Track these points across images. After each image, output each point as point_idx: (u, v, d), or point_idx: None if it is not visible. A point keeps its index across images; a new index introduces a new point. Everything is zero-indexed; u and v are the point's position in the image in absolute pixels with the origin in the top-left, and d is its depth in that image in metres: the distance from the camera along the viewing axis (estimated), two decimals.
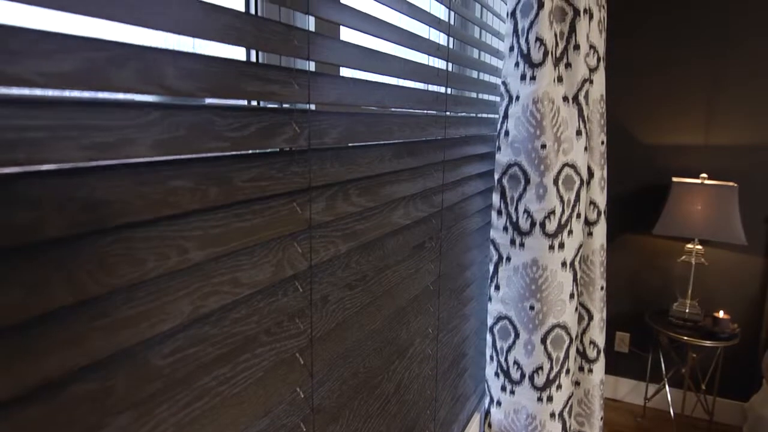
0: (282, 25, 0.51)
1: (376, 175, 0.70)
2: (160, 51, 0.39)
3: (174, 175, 0.40)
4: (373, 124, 0.69)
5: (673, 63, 2.38)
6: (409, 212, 0.81)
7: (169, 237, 0.40)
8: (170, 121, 0.40)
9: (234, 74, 0.45)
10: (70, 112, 0.32)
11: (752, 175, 2.31)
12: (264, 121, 0.49)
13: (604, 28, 1.29)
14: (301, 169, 0.55)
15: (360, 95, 0.64)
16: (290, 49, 0.51)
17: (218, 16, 0.43)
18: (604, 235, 1.32)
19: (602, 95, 1.25)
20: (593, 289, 1.30)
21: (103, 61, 0.34)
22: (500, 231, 1.16)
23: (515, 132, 1.09)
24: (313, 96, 0.55)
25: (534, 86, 1.05)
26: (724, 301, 2.42)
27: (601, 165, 1.26)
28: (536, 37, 1.03)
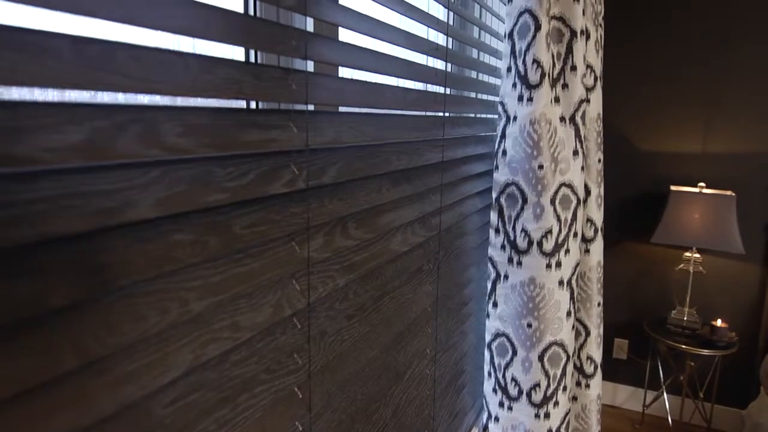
0: (280, 69, 0.52)
1: (374, 206, 0.71)
2: (159, 109, 0.40)
3: (175, 229, 0.41)
4: (371, 156, 0.70)
5: (671, 71, 2.38)
6: (407, 238, 0.82)
7: (170, 290, 0.41)
8: (171, 177, 0.41)
9: (233, 125, 0.46)
10: (72, 181, 0.33)
11: (750, 184, 2.32)
12: (264, 166, 0.50)
13: (601, 46, 1.30)
14: (300, 208, 0.56)
15: (358, 129, 0.65)
16: (289, 94, 0.52)
17: (217, 83, 0.44)
18: (601, 252, 1.33)
19: (599, 114, 1.26)
20: (590, 305, 1.31)
21: (109, 127, 0.35)
22: (498, 249, 1.17)
23: (513, 152, 1.10)
24: (312, 136, 0.56)
25: (531, 107, 1.06)
26: (722, 309, 2.43)
27: (598, 183, 1.27)
28: (533, 59, 1.04)
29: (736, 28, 2.25)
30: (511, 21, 1.07)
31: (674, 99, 2.40)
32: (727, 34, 2.27)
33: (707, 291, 2.44)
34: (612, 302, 2.63)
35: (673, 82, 2.39)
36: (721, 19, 2.27)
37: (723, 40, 2.28)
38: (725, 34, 2.27)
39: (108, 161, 0.35)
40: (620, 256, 2.58)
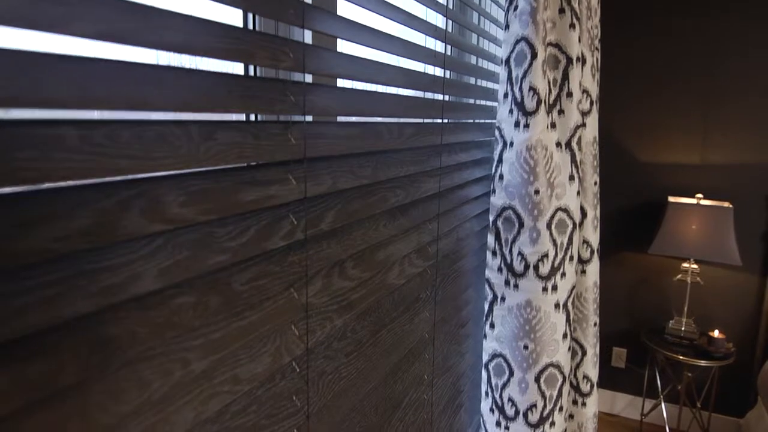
0: (279, 123, 0.53)
1: (372, 245, 0.73)
2: (161, 180, 0.41)
3: (176, 293, 0.43)
4: (368, 195, 0.71)
5: (669, 82, 2.40)
6: (404, 270, 0.84)
7: (172, 352, 0.43)
8: (173, 244, 0.42)
9: (234, 186, 0.47)
10: (78, 262, 0.35)
11: (748, 194, 2.33)
12: (263, 220, 0.52)
13: (598, 69, 1.31)
14: (299, 257, 0.57)
15: (355, 172, 0.67)
16: (288, 148, 0.54)
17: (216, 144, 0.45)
18: (597, 273, 1.34)
19: (595, 137, 1.27)
20: (587, 325, 1.32)
21: (114, 206, 0.37)
22: (495, 271, 1.18)
23: (509, 177, 1.11)
24: (310, 186, 0.58)
25: (528, 134, 1.07)
26: (719, 319, 2.44)
27: (594, 205, 1.29)
28: (530, 86, 1.06)
29: (733, 40, 2.26)
30: (507, 48, 1.09)
31: (673, 110, 2.41)
32: (725, 46, 2.28)
33: (705, 301, 2.45)
34: (611, 311, 2.64)
35: (672, 93, 2.40)
36: (719, 31, 2.28)
37: (721, 52, 2.29)
38: (723, 46, 2.28)
39: (113, 241, 0.36)
40: (619, 265, 2.59)
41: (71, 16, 0.32)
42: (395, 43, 0.75)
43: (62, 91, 0.32)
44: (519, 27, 1.06)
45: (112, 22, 0.35)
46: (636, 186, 2.52)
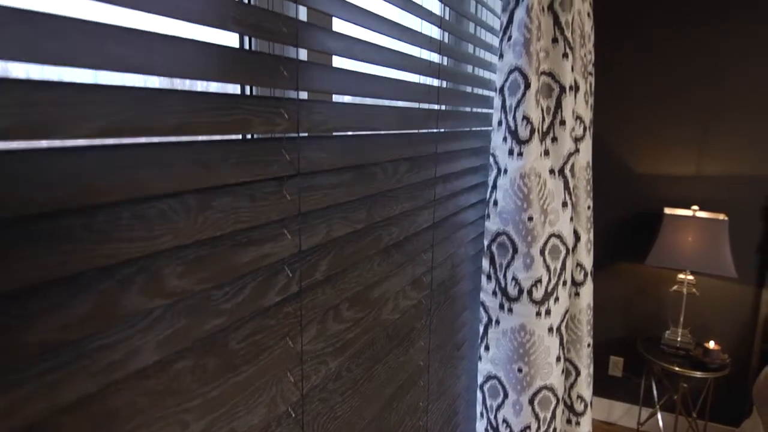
0: (273, 181, 0.55)
1: (366, 285, 0.74)
2: (160, 252, 0.43)
3: (175, 359, 0.45)
4: (362, 237, 0.73)
5: (666, 93, 2.41)
6: (398, 304, 0.86)
7: (171, 415, 0.44)
8: (171, 313, 0.44)
9: (230, 248, 0.49)
10: (77, 346, 0.37)
11: (744, 205, 2.35)
12: (259, 277, 0.54)
13: (591, 93, 1.33)
14: (294, 307, 0.59)
15: (350, 218, 0.68)
16: (282, 206, 0.55)
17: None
18: (591, 295, 1.36)
19: (588, 162, 1.29)
20: (580, 346, 1.34)
21: (114, 286, 0.38)
22: (490, 295, 1.20)
23: (504, 203, 1.13)
24: (305, 239, 0.59)
25: (521, 162, 1.09)
26: (715, 329, 2.46)
27: (588, 229, 1.31)
28: (523, 115, 1.07)
29: (731, 52, 2.28)
30: (501, 77, 1.10)
31: (669, 121, 2.43)
32: (722, 58, 2.29)
33: (701, 311, 2.47)
34: (608, 320, 2.66)
35: (669, 104, 2.42)
36: (717, 43, 2.29)
37: (719, 63, 2.30)
38: (721, 58, 2.30)
39: (113, 322, 0.38)
40: (616, 275, 2.61)
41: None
42: (390, 84, 0.77)
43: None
44: (513, 57, 1.07)
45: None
46: (633, 196, 2.54)
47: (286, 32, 0.54)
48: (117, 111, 0.37)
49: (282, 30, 0.53)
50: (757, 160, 2.31)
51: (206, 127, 0.44)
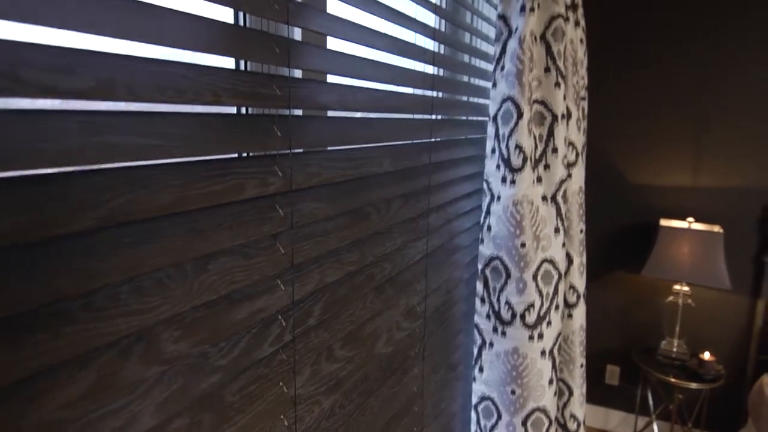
0: (268, 236, 0.57)
1: (359, 324, 0.76)
2: (156, 323, 0.45)
3: (172, 418, 0.47)
4: (355, 278, 0.75)
5: (662, 104, 2.43)
6: (392, 336, 0.88)
7: None
8: (169, 375, 0.46)
9: (225, 307, 0.51)
10: (79, 420, 0.39)
11: (739, 216, 2.37)
12: (254, 329, 0.56)
13: (585, 117, 1.35)
14: (287, 354, 0.61)
15: (342, 262, 0.70)
16: (276, 260, 0.57)
17: None
18: (584, 316, 1.38)
19: (581, 187, 1.31)
20: (573, 366, 1.37)
21: (114, 357, 0.40)
22: (484, 317, 1.22)
23: (497, 228, 1.15)
24: (297, 289, 0.61)
25: (514, 189, 1.11)
26: (711, 339, 2.48)
27: (581, 252, 1.33)
28: (516, 144, 1.09)
29: (726, 64, 2.29)
30: (495, 106, 1.12)
31: (665, 132, 2.45)
32: (717, 70, 2.31)
33: (696, 322, 2.49)
34: (605, 329, 2.68)
35: (664, 115, 2.43)
36: (712, 56, 2.31)
37: (713, 75, 2.32)
38: (716, 70, 2.31)
39: (113, 394, 0.40)
40: (613, 284, 2.63)
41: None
42: (385, 124, 0.79)
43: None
44: (506, 87, 1.09)
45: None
46: (629, 207, 2.56)
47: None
48: (117, 195, 0.39)
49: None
50: (752, 171, 2.33)
51: (201, 197, 0.46)
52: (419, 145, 0.93)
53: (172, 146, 0.43)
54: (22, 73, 0.32)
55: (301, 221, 0.60)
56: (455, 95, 1.08)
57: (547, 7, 1.10)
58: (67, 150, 0.35)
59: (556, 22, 1.11)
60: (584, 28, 1.31)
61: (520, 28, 1.05)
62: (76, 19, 0.34)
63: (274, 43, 0.54)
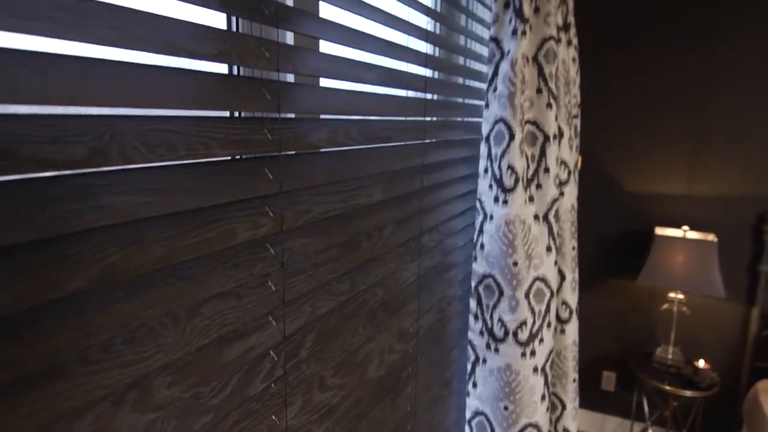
0: (260, 277, 0.58)
1: (350, 351, 0.78)
2: (150, 371, 0.46)
3: None
4: (346, 307, 0.76)
5: (658, 112, 2.45)
6: (384, 360, 0.89)
7: None
8: (162, 419, 0.47)
9: (216, 350, 0.53)
10: None
11: (733, 224, 2.39)
12: (245, 366, 0.57)
13: (577, 134, 1.36)
14: (279, 387, 0.63)
15: (333, 292, 0.72)
16: (267, 298, 0.59)
17: None
18: (576, 332, 1.40)
19: (573, 204, 1.32)
20: (566, 381, 1.38)
21: (109, 410, 0.42)
22: (477, 334, 1.24)
23: (490, 247, 1.17)
24: (288, 323, 0.63)
25: (506, 209, 1.12)
26: (705, 346, 2.50)
27: (573, 268, 1.34)
28: (508, 164, 1.11)
29: (721, 73, 2.31)
30: (487, 126, 1.14)
31: (661, 141, 2.46)
32: (713, 78, 2.33)
33: (691, 329, 2.51)
34: (601, 335, 2.70)
35: (660, 124, 2.45)
36: (708, 65, 2.33)
37: (709, 84, 2.34)
38: (712, 79, 2.33)
39: None
40: (609, 291, 2.65)
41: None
42: (377, 153, 0.80)
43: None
44: (498, 108, 1.11)
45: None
46: (624, 214, 2.58)
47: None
48: (110, 253, 0.40)
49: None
50: (746, 180, 2.35)
51: (194, 247, 0.48)
52: (411, 169, 0.94)
53: (165, 200, 0.44)
54: (16, 150, 0.33)
55: (292, 258, 0.62)
56: (448, 117, 1.09)
57: (539, 30, 1.11)
58: (62, 216, 0.36)
59: (548, 44, 1.12)
60: (576, 46, 1.33)
61: (512, 51, 1.07)
62: (63, 91, 0.36)
63: (266, 90, 0.55)
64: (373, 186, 0.81)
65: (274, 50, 0.55)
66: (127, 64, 0.40)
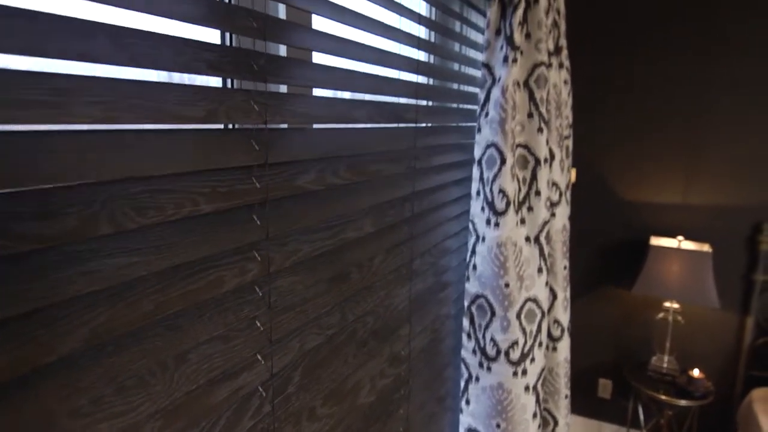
0: (247, 319, 0.60)
1: (340, 382, 0.80)
2: (140, 420, 0.48)
3: None
4: (335, 338, 0.78)
5: (654, 123, 2.46)
6: (375, 385, 0.91)
7: None
8: None
9: (204, 392, 0.54)
10: None
11: (729, 234, 2.40)
12: (234, 404, 0.59)
13: (569, 154, 1.38)
14: (267, 423, 0.64)
15: (322, 325, 0.73)
16: (255, 339, 0.61)
17: None
18: (568, 349, 1.42)
19: (564, 225, 1.34)
20: (558, 397, 1.40)
21: None
22: (470, 352, 1.25)
23: (482, 268, 1.18)
24: (277, 361, 0.65)
25: (498, 232, 1.14)
26: (700, 355, 2.51)
27: (564, 287, 1.36)
28: (499, 188, 1.12)
29: (718, 83, 2.32)
30: (479, 150, 1.15)
31: (656, 151, 2.48)
32: (710, 89, 2.34)
33: (686, 338, 2.52)
34: (597, 342, 2.72)
35: (656, 134, 2.46)
36: (705, 76, 2.34)
37: (706, 94, 2.35)
38: (708, 89, 2.34)
39: None
40: (605, 299, 2.67)
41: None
42: (366, 186, 0.82)
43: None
44: (489, 133, 1.12)
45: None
46: (621, 223, 2.60)
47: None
48: (99, 314, 0.42)
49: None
50: (741, 190, 2.36)
51: (182, 298, 0.50)
52: (402, 198, 0.96)
53: (153, 259, 0.46)
54: (8, 229, 0.35)
55: (279, 298, 0.63)
56: (439, 142, 1.10)
57: (530, 56, 1.13)
58: (53, 286, 0.38)
59: (538, 70, 1.14)
60: (568, 68, 1.34)
61: (503, 77, 1.08)
62: (55, 170, 0.37)
63: (254, 140, 0.57)
64: (363, 219, 0.82)
65: (263, 102, 0.57)
66: (115, 132, 0.42)
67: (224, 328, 0.55)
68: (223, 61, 0.52)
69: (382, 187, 0.88)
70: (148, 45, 0.44)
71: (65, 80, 0.38)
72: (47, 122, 0.36)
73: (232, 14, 0.53)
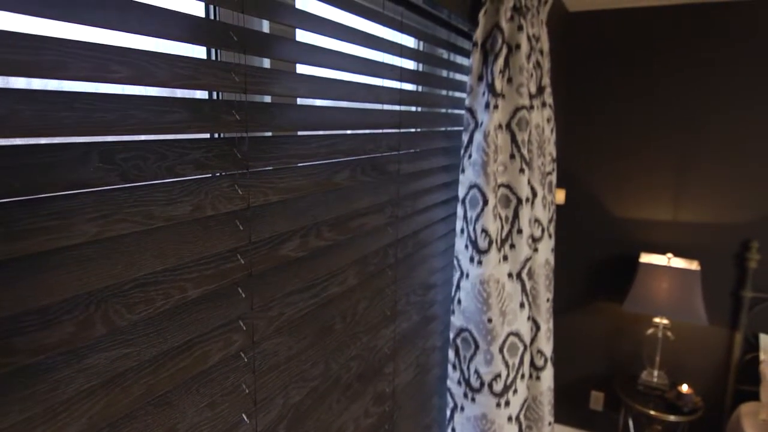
0: (229, 383, 0.64)
1: (325, 427, 0.84)
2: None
3: None
4: (319, 387, 0.82)
5: (645, 140, 2.51)
6: (359, 425, 0.95)
7: None
8: None
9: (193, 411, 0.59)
10: None
11: (717, 252, 2.45)
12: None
13: (552, 189, 1.42)
14: None
15: (306, 377, 0.78)
16: (241, 400, 0.65)
17: None
18: (551, 378, 1.46)
19: (547, 259, 1.38)
20: (542, 425, 1.45)
21: None
22: (455, 383, 1.30)
23: (466, 303, 1.23)
24: (260, 420, 0.69)
25: (481, 269, 1.19)
26: (690, 370, 2.56)
27: (547, 319, 1.40)
28: (482, 228, 1.17)
29: (709, 102, 2.37)
30: (463, 190, 1.20)
31: (646, 169, 2.52)
32: (700, 107, 2.38)
33: (676, 353, 2.57)
34: (589, 355, 2.77)
35: (646, 152, 2.51)
36: (696, 95, 2.38)
37: (697, 112, 2.39)
38: (699, 108, 2.39)
39: None
40: (597, 312, 2.72)
41: None
42: (349, 241, 0.86)
43: None
44: (472, 174, 1.17)
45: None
46: (611, 239, 2.64)
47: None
48: (95, 404, 0.47)
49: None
50: (730, 207, 2.40)
51: (170, 378, 0.54)
52: (385, 246, 1.00)
53: (145, 348, 0.51)
54: (12, 345, 0.40)
55: (264, 361, 0.68)
56: (422, 185, 1.15)
57: (512, 100, 1.17)
58: (52, 388, 0.43)
59: (520, 113, 1.18)
60: (551, 105, 1.38)
61: (485, 122, 1.13)
62: (54, 283, 0.42)
63: (239, 221, 0.61)
64: (346, 272, 0.87)
65: (245, 185, 0.62)
66: (113, 239, 0.47)
67: (210, 398, 0.60)
68: (209, 155, 0.56)
69: (365, 239, 0.92)
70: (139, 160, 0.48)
71: (65, 201, 0.42)
72: (49, 247, 0.40)
73: (215, 108, 0.58)
